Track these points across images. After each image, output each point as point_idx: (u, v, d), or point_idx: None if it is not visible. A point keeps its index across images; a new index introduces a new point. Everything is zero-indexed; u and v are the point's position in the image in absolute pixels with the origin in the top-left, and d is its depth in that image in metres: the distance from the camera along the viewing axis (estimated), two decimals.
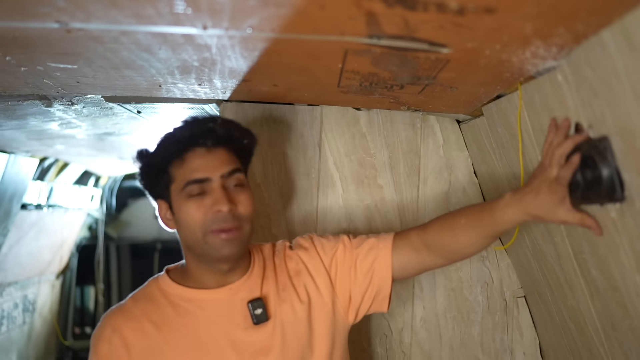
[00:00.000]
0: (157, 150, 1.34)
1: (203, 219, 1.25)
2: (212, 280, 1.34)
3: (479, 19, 0.88)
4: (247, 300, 1.32)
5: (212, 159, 1.29)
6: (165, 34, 1.06)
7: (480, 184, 1.87)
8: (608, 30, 0.85)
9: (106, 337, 1.28)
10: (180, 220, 1.29)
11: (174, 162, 1.30)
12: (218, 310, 1.31)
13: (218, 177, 1.28)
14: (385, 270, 1.40)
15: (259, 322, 1.31)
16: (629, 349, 1.19)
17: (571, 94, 1.04)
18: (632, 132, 0.88)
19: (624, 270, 1.07)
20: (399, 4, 0.84)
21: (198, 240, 1.27)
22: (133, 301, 1.35)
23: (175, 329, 1.29)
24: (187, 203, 1.27)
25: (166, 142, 1.33)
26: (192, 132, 1.30)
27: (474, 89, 1.36)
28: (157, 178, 1.33)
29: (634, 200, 0.94)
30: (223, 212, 1.25)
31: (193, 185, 1.27)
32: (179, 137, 1.31)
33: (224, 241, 1.25)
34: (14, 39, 1.10)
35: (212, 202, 1.26)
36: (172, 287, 1.35)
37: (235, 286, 1.34)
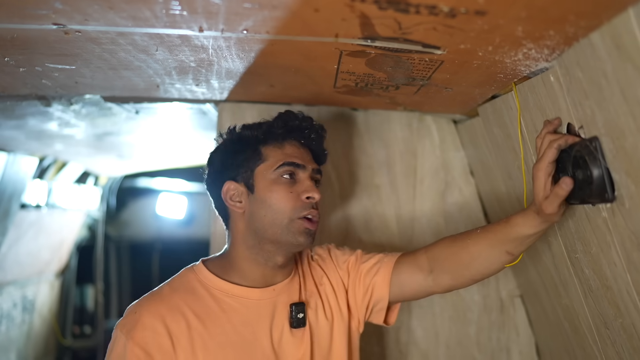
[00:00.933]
0: (257, 127, 1.36)
1: (294, 204, 1.28)
2: (258, 278, 1.33)
3: (470, 21, 0.89)
4: (290, 303, 1.34)
5: (305, 153, 1.36)
6: (162, 36, 1.07)
7: (477, 183, 1.89)
8: (597, 32, 0.86)
9: (148, 325, 1.21)
10: (266, 201, 1.29)
11: (271, 143, 1.33)
12: (262, 311, 1.31)
13: (311, 168, 1.34)
14: (383, 283, 1.41)
15: (298, 326, 1.32)
16: (621, 347, 1.20)
17: (563, 95, 1.05)
18: (621, 132, 0.89)
19: (615, 269, 1.08)
20: (391, 7, 0.86)
21: (281, 224, 1.28)
22: (171, 289, 1.30)
23: (219, 324, 1.27)
24: (278, 184, 1.30)
25: (268, 124, 1.36)
26: (300, 125, 1.36)
27: (468, 90, 1.37)
28: (245, 155, 1.33)
29: (624, 201, 0.95)
30: (314, 200, 1.30)
31: (288, 167, 1.30)
32: (284, 123, 1.35)
33: (307, 230, 1.29)
34: (12, 40, 1.12)
35: (305, 189, 1.30)
36: (214, 281, 1.32)
37: (279, 287, 1.35)
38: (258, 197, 1.30)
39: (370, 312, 1.45)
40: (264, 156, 1.32)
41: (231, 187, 1.33)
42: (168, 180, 4.95)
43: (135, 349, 1.18)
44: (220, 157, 1.39)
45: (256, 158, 1.32)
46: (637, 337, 1.10)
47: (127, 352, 1.19)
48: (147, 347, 1.19)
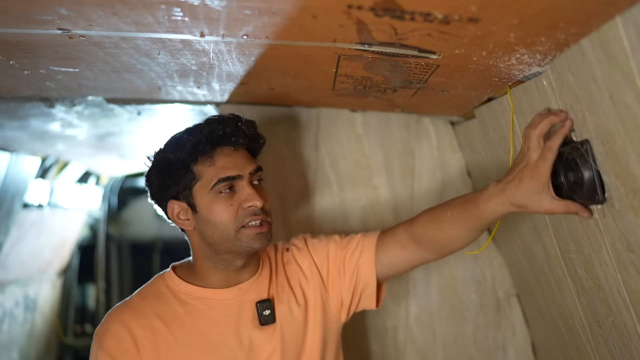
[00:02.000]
0: (181, 147, 1.31)
1: (235, 216, 1.27)
2: (222, 281, 1.35)
3: (464, 28, 0.91)
4: (256, 301, 1.35)
5: (238, 157, 1.32)
6: (164, 40, 1.10)
7: (473, 184, 1.91)
8: (587, 39, 0.89)
9: (114, 332, 1.27)
10: (210, 219, 1.29)
11: (201, 160, 1.29)
12: (227, 310, 1.33)
13: (247, 174, 1.31)
14: (369, 267, 1.42)
15: (266, 323, 1.33)
16: (612, 345, 1.22)
17: (555, 99, 1.08)
18: (610, 136, 0.92)
19: (606, 269, 1.11)
20: (387, 14, 0.88)
21: (229, 237, 1.28)
22: (140, 297, 1.35)
23: (185, 327, 1.30)
24: (217, 201, 1.28)
25: (193, 140, 1.30)
26: (224, 131, 1.31)
27: (464, 93, 1.40)
28: (178, 176, 1.31)
29: (614, 202, 0.98)
30: (256, 207, 1.28)
31: (224, 183, 1.28)
32: (208, 135, 1.30)
33: (257, 235, 1.28)
34: (17, 44, 1.14)
35: (245, 198, 1.28)
36: (181, 285, 1.35)
37: (245, 286, 1.36)
38: (202, 216, 1.30)
39: (359, 298, 1.45)
40: (197, 175, 1.29)
41: (175, 206, 1.33)
42: None
43: (104, 357, 1.26)
44: (156, 179, 1.36)
45: (190, 178, 1.30)
46: (628, 335, 1.13)
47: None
48: (114, 354, 1.26)
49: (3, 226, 2.86)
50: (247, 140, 1.35)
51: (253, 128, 1.38)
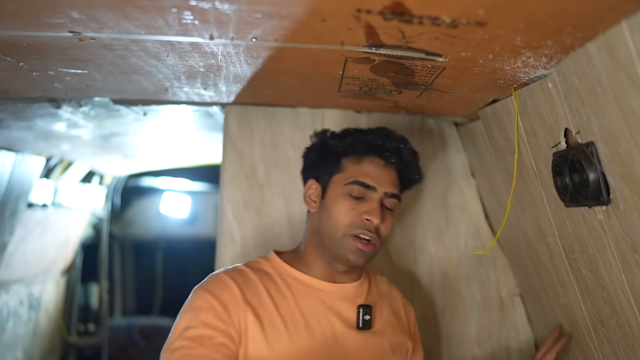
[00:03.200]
0: (343, 138, 1.40)
1: (351, 220, 1.32)
2: (325, 274, 1.38)
3: (471, 31, 0.93)
4: (357, 304, 1.38)
5: (385, 174, 1.36)
6: (173, 43, 1.11)
7: (477, 185, 1.92)
8: (593, 43, 0.90)
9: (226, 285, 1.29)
10: (329, 210, 1.35)
11: (352, 157, 1.37)
12: (330, 303, 1.36)
13: (382, 192, 1.34)
14: None
15: (363, 328, 1.36)
16: (616, 344, 1.24)
17: (560, 101, 1.09)
18: (615, 138, 0.93)
19: (610, 269, 1.12)
20: (395, 18, 0.89)
21: (335, 236, 1.33)
22: (245, 267, 1.38)
23: (289, 307, 1.32)
24: (344, 198, 1.34)
25: (355, 137, 1.39)
26: (384, 144, 1.37)
27: (469, 95, 1.41)
28: (327, 161, 1.39)
29: (619, 203, 0.99)
30: (372, 223, 1.31)
31: (357, 186, 1.33)
32: (369, 140, 1.37)
33: (358, 249, 1.32)
34: (28, 47, 1.15)
35: (367, 210, 1.32)
36: (286, 268, 1.39)
37: (347, 287, 1.40)
38: (325, 204, 1.37)
39: None
40: (342, 167, 1.37)
41: (313, 185, 1.41)
42: (172, 180, 4.99)
43: (214, 301, 1.26)
44: (310, 155, 1.47)
45: (335, 167, 1.37)
46: (632, 334, 1.14)
47: (206, 301, 1.26)
48: (225, 303, 1.26)
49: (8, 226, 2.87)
50: (400, 164, 1.39)
51: (413, 157, 1.42)
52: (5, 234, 2.87)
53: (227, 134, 1.87)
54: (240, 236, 1.85)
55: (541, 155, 1.27)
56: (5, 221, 2.80)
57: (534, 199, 1.41)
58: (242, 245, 1.84)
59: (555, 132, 1.17)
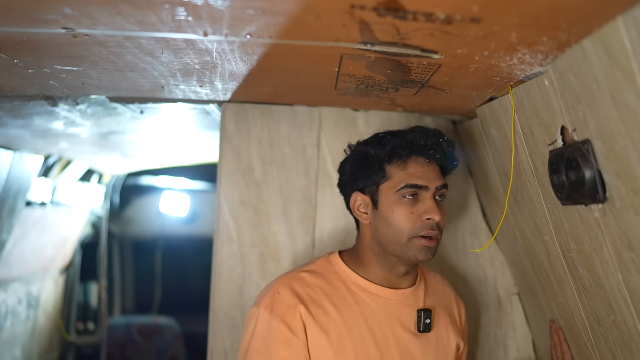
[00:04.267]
0: (382, 145, 1.40)
1: (413, 224, 1.34)
2: (385, 280, 1.41)
3: (466, 28, 0.92)
4: (417, 308, 1.41)
5: (430, 170, 1.39)
6: (167, 39, 1.11)
7: (475, 183, 1.92)
8: (589, 39, 0.90)
9: (289, 303, 1.33)
10: (388, 217, 1.36)
11: (395, 162, 1.38)
12: (391, 310, 1.39)
13: (434, 187, 1.37)
14: None
15: (424, 331, 1.39)
16: (613, 343, 1.23)
17: (557, 99, 1.08)
18: (611, 135, 0.92)
19: (607, 267, 1.11)
20: (389, 14, 0.89)
21: (400, 241, 1.35)
22: (308, 275, 1.40)
23: (353, 315, 1.35)
24: (400, 204, 1.35)
25: (394, 142, 1.39)
26: (425, 142, 1.38)
27: (466, 92, 1.40)
28: (370, 171, 1.40)
29: (615, 201, 0.98)
30: (434, 221, 1.35)
31: (411, 189, 1.35)
32: (409, 142, 1.38)
33: (425, 247, 1.35)
34: (22, 43, 1.15)
35: (425, 210, 1.34)
36: (349, 274, 1.41)
37: (407, 292, 1.42)
38: (381, 214, 1.38)
39: None
40: (387, 175, 1.38)
41: (358, 198, 1.42)
42: (171, 178, 4.99)
43: (280, 326, 1.30)
44: (349, 168, 1.47)
45: (380, 175, 1.38)
46: (629, 333, 1.13)
47: (272, 328, 1.30)
48: (288, 323, 1.30)
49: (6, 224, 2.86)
50: (443, 156, 1.42)
51: (452, 147, 1.45)
52: (4, 232, 2.87)
53: (224, 132, 1.86)
54: (237, 234, 1.85)
55: (538, 153, 1.27)
56: (3, 219, 2.80)
57: (531, 197, 1.40)
58: (238, 244, 1.84)
59: (551, 129, 1.16)
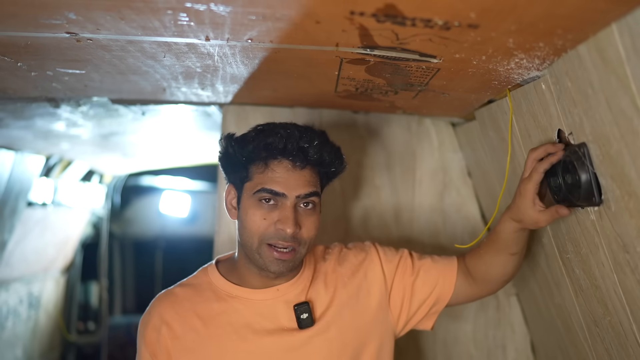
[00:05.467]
0: (244, 145, 1.28)
1: (265, 230, 1.25)
2: (258, 281, 1.34)
3: (464, 33, 0.93)
4: (293, 304, 1.32)
5: (294, 177, 1.26)
6: (169, 44, 1.12)
7: (474, 184, 1.93)
8: (584, 45, 0.91)
9: (155, 326, 1.31)
10: (243, 218, 1.28)
11: (256, 164, 1.27)
12: (264, 310, 1.32)
13: (294, 196, 1.25)
14: (449, 284, 1.43)
15: (304, 327, 1.31)
16: (609, 344, 1.24)
17: (554, 102, 1.10)
18: (606, 139, 0.94)
19: (603, 269, 1.13)
20: (388, 20, 0.90)
21: (252, 246, 1.27)
22: (181, 289, 1.37)
23: (220, 326, 1.30)
24: (254, 207, 1.26)
25: (255, 142, 1.27)
26: (286, 146, 1.25)
27: (464, 95, 1.42)
28: (235, 169, 1.32)
29: (611, 204, 1.00)
30: (285, 232, 1.24)
31: (265, 194, 1.25)
32: (270, 144, 1.25)
33: (276, 259, 1.26)
34: (26, 47, 1.16)
35: (279, 218, 1.24)
36: (220, 282, 1.36)
37: (283, 288, 1.34)
38: (240, 214, 1.31)
39: (426, 312, 1.44)
40: (249, 174, 1.28)
41: (231, 192, 1.35)
42: (172, 179, 5.00)
43: (145, 351, 1.32)
44: (221, 162, 1.38)
45: (244, 174, 1.29)
46: (624, 334, 1.15)
47: (141, 353, 1.34)
48: (153, 349, 1.31)
49: (8, 224, 2.88)
50: (307, 163, 1.28)
51: (323, 153, 1.29)
52: (5, 232, 2.89)
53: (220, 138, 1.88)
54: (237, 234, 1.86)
55: None
56: (4, 220, 2.82)
57: None
58: None
59: (548, 133, 1.18)
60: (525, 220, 1.24)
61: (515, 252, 1.36)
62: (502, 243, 1.34)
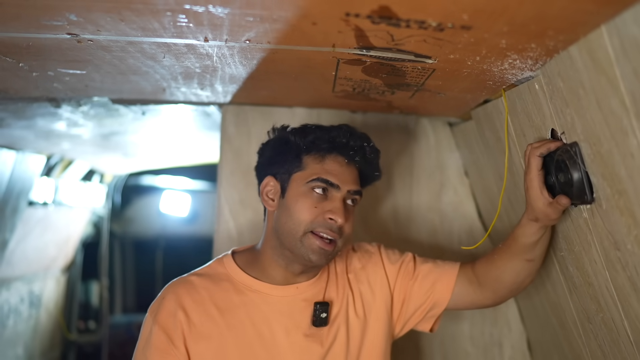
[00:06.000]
0: (304, 135, 1.35)
1: (314, 218, 1.28)
2: (280, 276, 1.36)
3: (458, 35, 0.95)
4: (314, 302, 1.35)
5: (347, 172, 1.33)
6: (169, 44, 1.14)
7: (471, 183, 1.95)
8: (575, 46, 0.93)
9: (171, 311, 1.30)
10: (291, 207, 1.31)
11: (313, 154, 1.33)
12: (282, 307, 1.34)
13: (345, 190, 1.32)
14: (446, 290, 1.44)
15: (320, 325, 1.34)
16: (602, 340, 1.26)
17: (547, 102, 1.12)
18: (597, 139, 0.96)
19: (595, 266, 1.15)
20: (383, 21, 0.92)
21: (296, 234, 1.29)
22: (198, 279, 1.36)
23: (238, 317, 1.31)
24: (307, 196, 1.30)
25: (317, 134, 1.34)
26: (348, 142, 1.33)
27: (460, 95, 1.44)
28: (286, 158, 1.35)
29: (602, 202, 1.02)
30: (335, 223, 1.28)
31: (321, 183, 1.30)
32: (333, 138, 1.33)
33: (319, 248, 1.28)
34: (27, 48, 1.18)
35: (331, 209, 1.29)
36: (239, 275, 1.37)
37: (303, 286, 1.37)
38: (286, 203, 1.32)
39: (422, 317, 1.47)
40: (303, 165, 1.33)
41: (270, 183, 1.37)
42: (172, 178, 5.02)
43: (159, 333, 1.29)
44: (268, 151, 1.41)
45: (296, 164, 1.33)
46: (616, 330, 1.17)
47: (153, 335, 1.29)
48: (168, 332, 1.28)
49: (9, 223, 2.89)
50: (363, 162, 1.37)
51: (375, 157, 1.39)
52: (6, 231, 2.90)
53: (224, 134, 1.90)
54: (237, 233, 1.88)
55: None
56: (6, 219, 2.83)
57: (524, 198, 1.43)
58: (238, 242, 1.87)
59: (542, 132, 1.20)
60: (539, 216, 1.21)
61: (532, 258, 1.33)
62: (519, 247, 1.31)
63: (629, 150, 0.87)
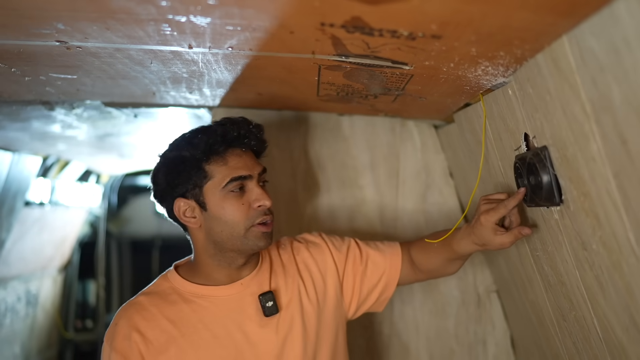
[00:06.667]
0: (195, 146, 1.34)
1: (246, 215, 1.33)
2: (224, 277, 1.39)
3: (429, 43, 0.99)
4: (258, 294, 1.39)
5: (248, 158, 1.37)
6: (155, 51, 1.18)
7: (456, 185, 1.99)
8: (541, 54, 0.97)
9: (125, 335, 1.31)
10: (220, 216, 1.33)
11: (214, 160, 1.33)
12: (231, 305, 1.37)
13: (256, 174, 1.36)
14: (394, 273, 1.53)
15: (270, 314, 1.37)
16: (576, 337, 1.30)
17: (519, 107, 1.16)
18: (563, 143, 1.00)
19: (567, 266, 1.19)
20: (357, 31, 0.96)
21: (238, 235, 1.33)
22: (146, 298, 1.38)
23: (191, 325, 1.34)
24: (229, 199, 1.32)
25: (208, 140, 1.33)
26: (238, 133, 1.36)
27: (441, 99, 1.47)
28: (189, 174, 1.34)
29: (570, 204, 1.06)
30: (265, 207, 1.34)
31: (236, 182, 1.32)
32: (222, 135, 1.34)
33: (264, 234, 1.35)
34: (19, 54, 1.22)
35: (255, 197, 1.34)
36: (184, 285, 1.39)
37: (246, 281, 1.40)
38: (212, 214, 1.34)
39: (376, 298, 1.55)
40: (209, 174, 1.33)
41: (181, 204, 1.36)
42: None
43: (118, 358, 1.30)
44: (164, 176, 1.38)
45: (202, 176, 1.33)
46: (587, 328, 1.21)
47: None
48: (126, 355, 1.30)
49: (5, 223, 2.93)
50: (257, 142, 1.41)
51: (261, 131, 1.44)
52: (3, 231, 2.94)
53: None
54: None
55: (506, 158, 1.34)
56: (3, 219, 2.87)
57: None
58: None
59: (516, 136, 1.24)
60: (490, 245, 1.31)
61: (463, 261, 1.51)
62: (455, 255, 1.44)
63: (591, 154, 0.91)
